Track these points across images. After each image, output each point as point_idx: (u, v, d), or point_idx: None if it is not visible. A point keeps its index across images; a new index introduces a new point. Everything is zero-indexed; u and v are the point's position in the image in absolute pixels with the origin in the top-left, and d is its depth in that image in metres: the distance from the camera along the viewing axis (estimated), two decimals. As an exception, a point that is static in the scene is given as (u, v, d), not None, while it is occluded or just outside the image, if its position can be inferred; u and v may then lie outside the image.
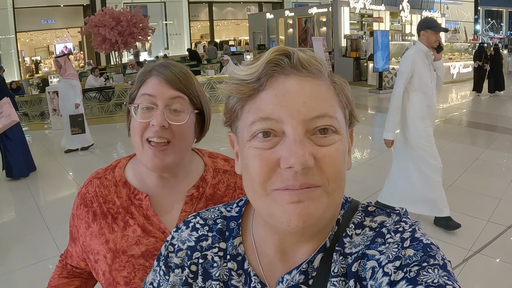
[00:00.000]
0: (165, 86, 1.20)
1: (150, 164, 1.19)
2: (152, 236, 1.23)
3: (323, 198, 0.67)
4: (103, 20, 13.90)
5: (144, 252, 1.22)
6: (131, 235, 1.23)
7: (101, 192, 1.28)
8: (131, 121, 1.23)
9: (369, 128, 9.67)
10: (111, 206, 1.26)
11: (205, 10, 29.19)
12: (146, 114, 1.18)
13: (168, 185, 1.28)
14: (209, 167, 1.36)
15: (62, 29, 26.39)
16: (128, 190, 1.28)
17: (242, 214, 0.87)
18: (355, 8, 18.43)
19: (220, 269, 0.80)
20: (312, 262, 0.74)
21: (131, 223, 1.24)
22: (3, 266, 4.17)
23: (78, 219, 1.29)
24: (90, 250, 1.27)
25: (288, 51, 0.70)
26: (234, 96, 0.73)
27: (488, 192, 5.35)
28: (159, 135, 1.17)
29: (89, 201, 1.28)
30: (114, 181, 1.30)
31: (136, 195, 1.27)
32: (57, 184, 6.73)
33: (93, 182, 1.31)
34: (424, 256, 0.66)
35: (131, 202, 1.27)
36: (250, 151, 0.69)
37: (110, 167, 1.35)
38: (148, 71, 1.24)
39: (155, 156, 1.18)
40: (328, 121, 0.68)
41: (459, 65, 17.23)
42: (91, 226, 1.26)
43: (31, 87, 16.17)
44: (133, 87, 1.26)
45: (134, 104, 1.22)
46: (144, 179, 1.29)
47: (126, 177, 1.31)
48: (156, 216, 1.25)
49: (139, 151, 1.21)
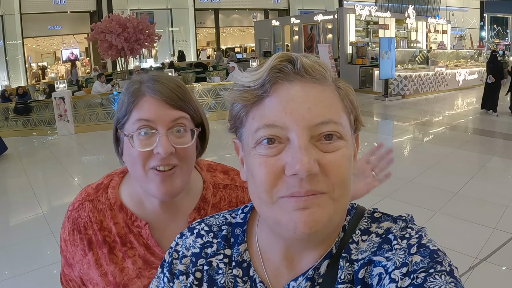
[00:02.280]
0: (163, 107, 1.05)
1: (159, 193, 1.07)
2: (155, 268, 1.13)
3: (329, 204, 0.67)
4: (110, 26, 13.96)
5: (146, 285, 1.12)
6: (131, 267, 1.13)
7: (95, 217, 1.15)
8: (127, 150, 1.08)
9: (375, 136, 9.65)
10: (107, 233, 1.14)
11: (211, 17, 29.29)
12: (146, 141, 1.04)
13: (169, 210, 1.17)
14: (208, 184, 1.25)
15: (69, 35, 26.57)
16: (125, 215, 1.15)
17: (247, 221, 0.86)
18: (361, 15, 18.42)
19: (225, 276, 0.80)
20: (318, 269, 0.74)
21: (130, 254, 1.13)
22: (8, 271, 4.18)
23: (72, 245, 1.15)
24: (89, 280, 1.16)
25: (291, 57, 0.70)
26: (238, 103, 0.73)
27: (495, 199, 5.32)
28: (166, 162, 1.05)
29: (83, 227, 1.14)
30: (109, 204, 1.16)
31: (134, 221, 1.15)
32: (63, 191, 6.74)
33: (85, 206, 1.16)
34: (431, 263, 0.65)
35: (129, 229, 1.14)
36: (255, 159, 0.69)
37: (101, 187, 1.20)
38: (137, 89, 1.08)
39: (163, 182, 1.06)
40: (333, 127, 0.67)
41: (465, 71, 17.18)
42: (87, 255, 1.14)
43: (38, 92, 16.25)
44: (122, 110, 1.09)
45: (126, 131, 1.07)
46: (143, 203, 1.16)
47: (121, 199, 1.18)
48: (158, 247, 1.14)
49: (143, 180, 1.08)
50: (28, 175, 7.60)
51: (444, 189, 5.64)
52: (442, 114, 12.12)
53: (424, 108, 13.17)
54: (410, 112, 12.48)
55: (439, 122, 11.08)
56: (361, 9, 18.32)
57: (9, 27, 22.72)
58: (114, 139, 1.14)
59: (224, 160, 1.45)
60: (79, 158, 9.23)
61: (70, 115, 10.84)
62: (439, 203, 5.15)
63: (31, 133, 11.36)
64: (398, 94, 14.78)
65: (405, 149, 8.44)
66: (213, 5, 28.58)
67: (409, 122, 10.91)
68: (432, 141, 8.94)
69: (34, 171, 8.05)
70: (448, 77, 16.37)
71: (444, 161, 7.19)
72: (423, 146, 8.64)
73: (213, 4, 28.54)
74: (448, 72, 16.36)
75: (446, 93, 15.93)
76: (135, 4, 25.21)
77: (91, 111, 11.12)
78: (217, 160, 1.46)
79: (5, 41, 22.97)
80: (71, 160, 8.77)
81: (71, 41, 27.48)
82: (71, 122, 10.89)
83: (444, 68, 16.28)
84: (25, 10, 22.82)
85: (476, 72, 17.76)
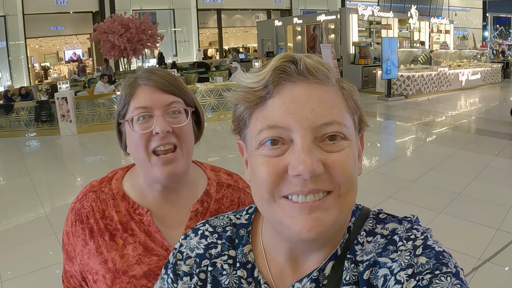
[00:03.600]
0: (158, 93, 1.14)
1: (162, 175, 1.12)
2: (155, 254, 1.16)
3: (335, 204, 0.67)
4: (112, 26, 14.00)
5: (146, 272, 1.14)
6: (131, 253, 1.15)
7: (97, 206, 1.19)
8: (129, 137, 1.16)
9: (378, 136, 9.64)
10: (109, 222, 1.17)
11: (214, 17, 29.29)
12: (145, 125, 1.12)
13: (170, 199, 1.22)
14: (212, 181, 1.30)
15: (71, 36, 26.60)
16: (127, 204, 1.20)
17: (252, 222, 0.86)
18: (364, 15, 18.41)
19: (229, 277, 0.79)
20: (323, 270, 0.74)
21: (130, 241, 1.16)
22: (10, 271, 4.18)
23: (74, 236, 1.19)
24: (88, 270, 1.18)
25: (294, 58, 0.69)
26: (242, 104, 0.72)
27: (498, 200, 5.30)
28: (166, 141, 1.12)
29: (85, 217, 1.18)
30: (112, 194, 1.21)
31: (136, 209, 1.19)
32: (65, 191, 6.75)
33: (88, 196, 1.21)
34: (437, 264, 0.65)
35: (130, 217, 1.18)
36: (258, 159, 0.69)
37: (105, 179, 1.26)
38: (133, 82, 1.17)
39: (166, 165, 1.12)
40: (337, 128, 0.67)
41: (468, 72, 17.15)
42: (88, 244, 1.17)
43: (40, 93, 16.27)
44: (121, 103, 1.18)
45: (126, 119, 1.15)
46: (144, 193, 1.22)
47: (124, 189, 1.23)
48: (159, 233, 1.18)
49: (146, 166, 1.14)
50: (30, 175, 7.61)
51: (447, 190, 5.63)
52: (445, 114, 12.10)
53: (427, 108, 13.15)
54: (413, 112, 12.46)
55: (442, 122, 11.06)
56: (364, 9, 18.32)
57: (12, 27, 22.74)
58: (117, 133, 1.22)
59: (227, 160, 1.45)
60: (81, 158, 9.23)
61: (72, 116, 10.85)
62: (442, 204, 5.13)
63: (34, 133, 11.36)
64: (401, 94, 14.76)
65: (408, 150, 8.42)
66: (216, 5, 28.56)
67: (412, 123, 10.90)
68: (435, 142, 8.93)
69: (36, 171, 8.06)
70: (451, 77, 16.35)
71: (447, 161, 7.18)
72: (426, 146, 8.63)
73: (216, 5, 28.52)
74: (451, 72, 16.34)
75: (449, 93, 15.91)
76: (138, 5, 25.22)
77: (94, 112, 11.12)
78: (220, 160, 1.47)
79: (8, 42, 22.99)
80: (73, 160, 8.77)
81: (74, 42, 27.53)
82: (74, 123, 10.89)
83: (447, 68, 16.25)
84: (27, 10, 22.84)
85: (479, 72, 17.73)
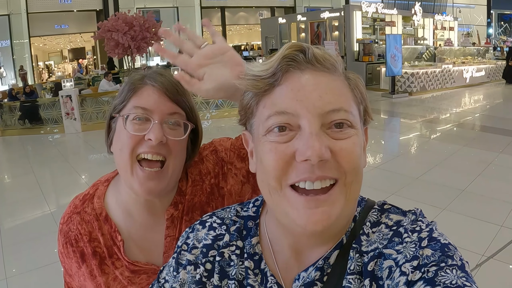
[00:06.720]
0: (162, 98, 1.05)
1: (141, 190, 1.04)
2: (143, 273, 1.12)
3: (341, 195, 0.67)
4: (116, 25, 14.02)
5: None
6: (121, 276, 1.11)
7: (83, 229, 1.12)
8: (118, 134, 1.07)
9: (382, 133, 9.62)
10: (97, 244, 1.12)
11: (218, 15, 29.26)
12: (139, 126, 1.03)
13: (154, 210, 1.14)
14: (183, 174, 1.19)
15: (75, 34, 26.63)
16: (109, 227, 1.12)
17: (260, 214, 0.86)
18: (367, 13, 18.34)
19: (236, 268, 0.79)
20: (328, 259, 0.74)
21: (117, 265, 1.12)
22: (17, 267, 4.20)
23: (67, 257, 1.14)
24: None
25: (303, 46, 0.70)
26: (250, 91, 0.73)
27: (502, 196, 5.28)
28: (156, 151, 1.02)
29: (74, 240, 1.12)
30: (95, 215, 1.13)
31: (116, 236, 1.12)
32: (70, 189, 6.76)
33: (73, 219, 1.14)
34: (442, 256, 0.65)
35: (113, 242, 1.12)
36: (265, 145, 0.69)
37: (87, 197, 1.17)
38: (140, 78, 1.09)
39: (147, 180, 1.03)
40: (344, 115, 0.68)
41: (472, 69, 17.07)
42: (81, 267, 1.12)
43: (45, 91, 16.32)
44: (120, 97, 1.09)
45: (122, 114, 1.06)
46: (130, 209, 1.14)
47: (107, 208, 1.15)
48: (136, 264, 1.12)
49: (127, 172, 1.05)
50: (35, 173, 7.65)
51: (451, 187, 5.62)
52: (449, 111, 12.05)
53: (431, 105, 13.11)
54: (417, 109, 12.42)
55: (446, 119, 11.02)
56: (368, 6, 18.24)
57: (16, 26, 22.81)
58: (106, 126, 1.13)
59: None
60: (86, 156, 9.25)
61: (77, 113, 10.87)
62: (446, 201, 5.12)
63: (38, 131, 11.40)
64: (405, 91, 14.72)
65: (412, 147, 8.40)
66: (220, 3, 28.54)
67: (416, 120, 10.86)
68: (439, 138, 8.89)
69: (41, 169, 8.09)
70: (455, 74, 16.28)
71: (451, 158, 7.16)
72: (430, 143, 8.60)
73: (220, 2, 28.50)
74: (455, 69, 16.26)
75: (453, 90, 15.85)
76: (142, 3, 25.22)
77: (98, 109, 11.14)
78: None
79: (12, 40, 23.08)
80: (78, 158, 8.78)
81: (78, 40, 27.56)
82: (78, 120, 10.92)
83: (451, 65, 16.17)
84: (32, 9, 22.89)
85: (483, 69, 17.64)
